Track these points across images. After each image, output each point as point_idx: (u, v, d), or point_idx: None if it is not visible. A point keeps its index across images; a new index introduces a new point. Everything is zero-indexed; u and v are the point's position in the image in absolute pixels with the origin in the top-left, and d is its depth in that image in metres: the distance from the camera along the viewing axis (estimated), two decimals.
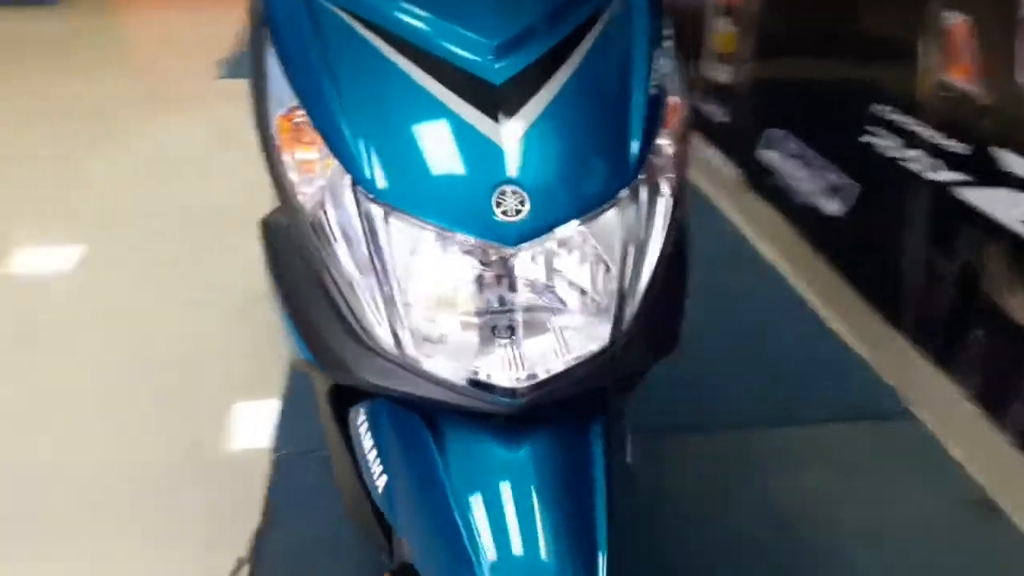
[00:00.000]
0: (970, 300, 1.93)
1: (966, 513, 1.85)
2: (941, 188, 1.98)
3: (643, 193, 0.95)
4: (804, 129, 2.69)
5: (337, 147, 0.92)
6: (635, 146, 0.95)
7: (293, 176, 0.96)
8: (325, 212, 0.93)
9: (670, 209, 0.98)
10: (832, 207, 2.49)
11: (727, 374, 2.26)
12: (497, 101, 0.92)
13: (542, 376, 0.92)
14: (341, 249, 0.92)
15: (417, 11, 0.97)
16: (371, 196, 0.90)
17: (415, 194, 0.91)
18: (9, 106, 4.51)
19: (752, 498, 1.88)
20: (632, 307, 0.95)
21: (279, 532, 1.77)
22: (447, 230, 0.89)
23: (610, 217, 0.93)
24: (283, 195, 0.97)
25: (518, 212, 0.89)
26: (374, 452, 1.07)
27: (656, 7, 1.08)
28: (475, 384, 0.91)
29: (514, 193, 0.89)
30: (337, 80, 0.95)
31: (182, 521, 1.83)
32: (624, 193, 0.93)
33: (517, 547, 0.93)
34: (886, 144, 2.20)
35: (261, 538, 1.77)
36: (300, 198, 0.95)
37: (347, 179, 0.91)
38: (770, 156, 2.88)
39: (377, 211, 0.90)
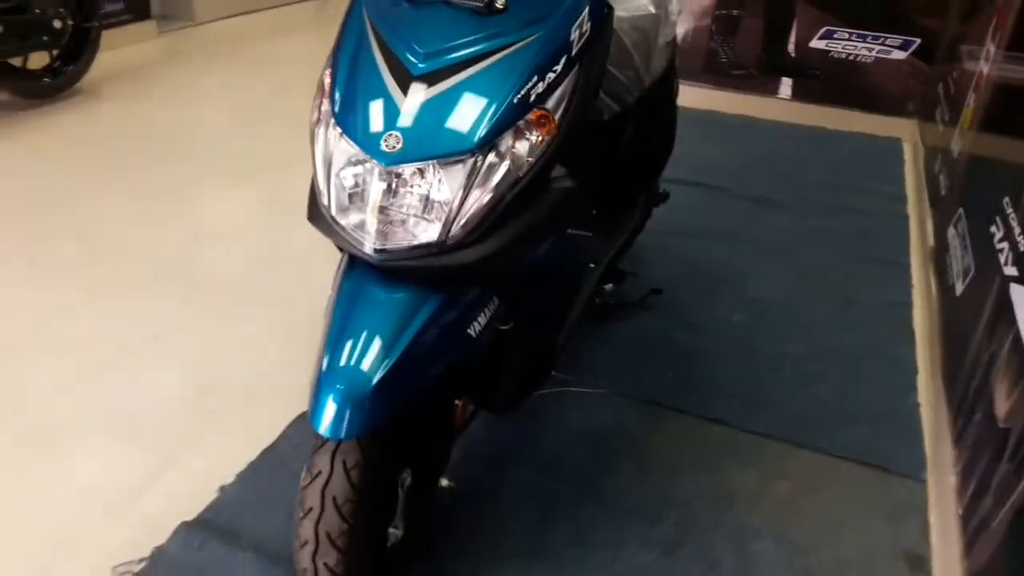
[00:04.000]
0: None
1: None
2: None
3: (485, 160, 1.57)
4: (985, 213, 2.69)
5: (331, 94, 1.66)
6: (484, 130, 1.56)
7: (316, 105, 1.70)
8: (317, 126, 1.67)
9: (504, 176, 1.59)
10: None
11: None
12: (410, 85, 1.60)
13: (391, 247, 1.58)
14: (319, 149, 1.65)
15: (400, 26, 1.68)
16: (335, 123, 1.62)
17: (353, 126, 1.60)
18: None
19: None
20: (459, 225, 1.58)
21: None
22: (361, 151, 1.58)
23: (456, 167, 1.57)
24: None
25: (394, 148, 1.55)
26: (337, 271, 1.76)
27: (554, 51, 1.66)
28: (359, 241, 1.58)
29: (397, 137, 1.56)
30: (345, 59, 1.69)
31: None
32: (468, 156, 1.56)
33: (345, 348, 1.56)
34: None
35: None
36: (314, 115, 1.70)
37: (330, 114, 1.64)
38: (951, 234, 3.08)
39: (334, 133, 1.62)
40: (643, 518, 2.15)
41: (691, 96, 3.42)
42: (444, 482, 1.88)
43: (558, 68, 1.65)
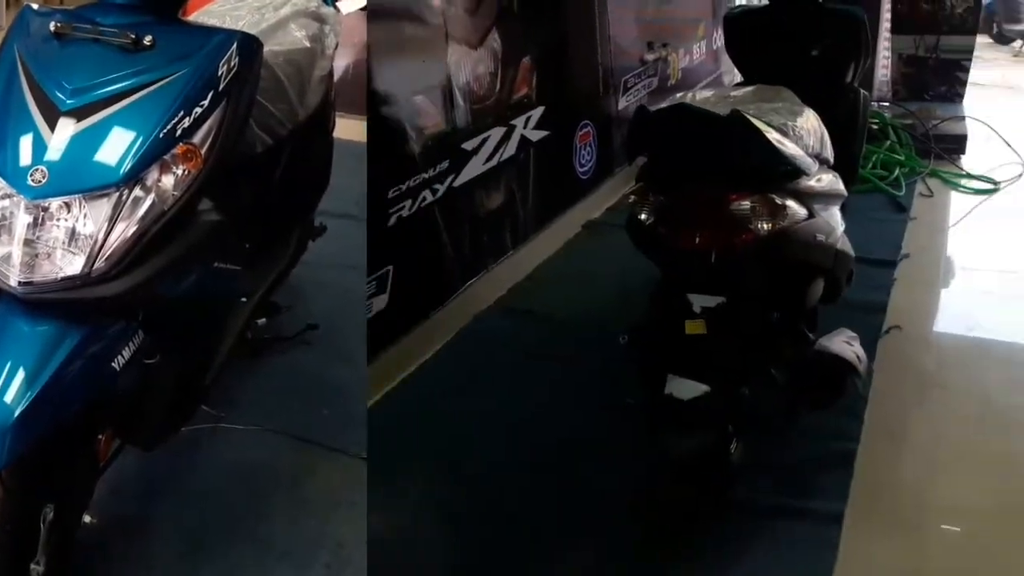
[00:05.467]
0: None
1: None
2: None
3: (131, 194, 1.66)
4: None
5: None
6: (129, 164, 1.66)
7: None
8: None
9: (149, 209, 1.67)
10: None
11: None
12: (58, 120, 1.66)
13: (37, 279, 1.63)
14: None
15: (49, 63, 1.74)
16: None
17: (2, 162, 1.66)
18: None
19: None
20: (103, 258, 1.63)
21: None
22: (7, 185, 1.64)
23: (102, 200, 1.65)
24: None
25: (40, 182, 1.62)
26: None
27: (201, 87, 1.74)
28: (4, 274, 1.61)
29: (43, 171, 1.63)
30: None
31: None
32: (114, 190, 1.65)
33: None
34: None
35: None
36: None
37: None
38: None
39: None
40: (295, 560, 2.18)
41: (352, 128, 3.49)
42: (87, 518, 1.89)
43: (205, 103, 1.73)
